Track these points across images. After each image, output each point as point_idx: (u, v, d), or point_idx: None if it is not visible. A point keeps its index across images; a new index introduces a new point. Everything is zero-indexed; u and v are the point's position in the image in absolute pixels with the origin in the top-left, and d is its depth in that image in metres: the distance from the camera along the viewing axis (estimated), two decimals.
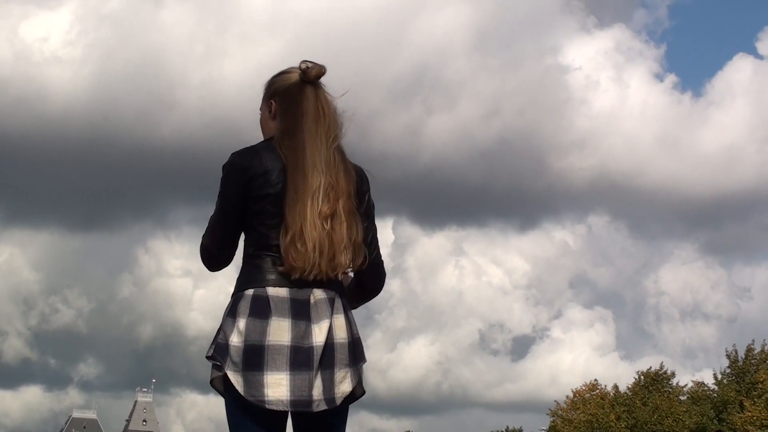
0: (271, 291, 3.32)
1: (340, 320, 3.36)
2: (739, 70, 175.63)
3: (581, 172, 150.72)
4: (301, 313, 3.31)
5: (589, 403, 56.45)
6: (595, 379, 59.17)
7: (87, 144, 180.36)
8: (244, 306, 3.31)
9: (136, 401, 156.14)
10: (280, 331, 3.27)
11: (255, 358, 3.25)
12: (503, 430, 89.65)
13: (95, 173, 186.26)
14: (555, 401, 60.07)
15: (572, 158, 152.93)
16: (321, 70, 3.52)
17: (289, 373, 3.25)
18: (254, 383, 3.24)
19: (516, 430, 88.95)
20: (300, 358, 3.26)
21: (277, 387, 3.23)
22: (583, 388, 58.56)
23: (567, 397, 59.18)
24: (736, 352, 51.83)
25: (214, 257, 3.50)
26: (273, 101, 3.54)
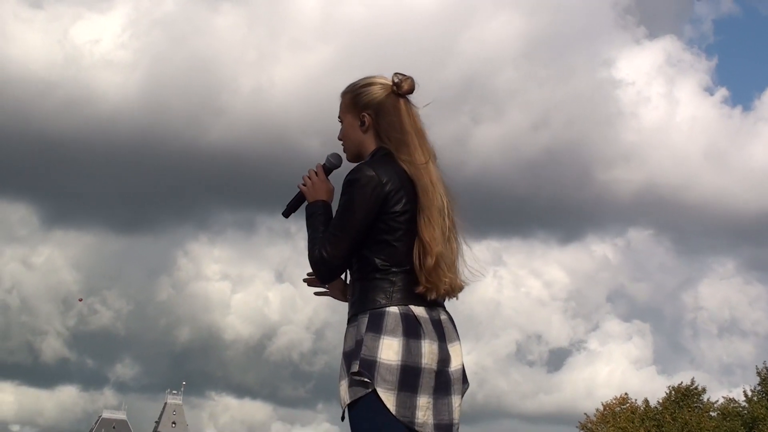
0: (416, 310, 3.31)
1: (460, 343, 3.42)
2: None
3: (627, 184, 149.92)
4: (441, 334, 3.34)
5: (619, 416, 56.40)
6: (626, 393, 59.13)
7: (135, 147, 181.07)
8: (393, 324, 3.27)
9: (165, 403, 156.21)
10: (432, 354, 3.28)
11: (411, 379, 3.24)
12: None
13: (142, 176, 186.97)
14: (585, 414, 60.11)
15: (618, 171, 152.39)
16: (413, 84, 3.50)
17: (432, 396, 3.28)
18: (407, 404, 3.24)
19: None
20: (441, 383, 3.30)
21: (426, 410, 3.26)
22: (614, 401, 58.49)
23: (597, 410, 59.17)
24: (767, 369, 51.69)
25: (336, 268, 3.40)
26: (367, 114, 3.49)
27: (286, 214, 3.68)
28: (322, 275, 3.45)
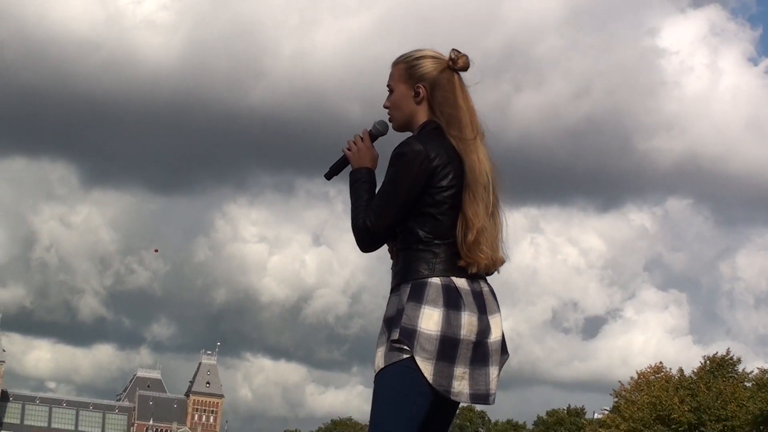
0: (457, 282, 3.37)
1: (500, 315, 3.47)
2: None
3: (667, 153, 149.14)
4: (481, 306, 3.39)
5: (654, 385, 56.32)
6: (660, 362, 59.06)
7: (175, 108, 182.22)
8: (434, 294, 3.33)
9: (200, 363, 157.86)
10: (471, 326, 3.33)
11: (449, 349, 3.30)
12: (565, 408, 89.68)
13: (181, 137, 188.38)
14: (619, 382, 60.07)
15: (659, 140, 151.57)
16: (468, 62, 3.52)
17: (469, 366, 3.34)
18: (444, 373, 3.30)
19: (578, 408, 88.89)
20: (479, 353, 3.36)
21: (462, 380, 3.33)
22: (648, 370, 58.42)
23: (631, 378, 59.13)
24: None
25: (379, 239, 3.46)
26: (422, 86, 3.50)
27: (329, 176, 3.69)
28: (364, 244, 3.48)
